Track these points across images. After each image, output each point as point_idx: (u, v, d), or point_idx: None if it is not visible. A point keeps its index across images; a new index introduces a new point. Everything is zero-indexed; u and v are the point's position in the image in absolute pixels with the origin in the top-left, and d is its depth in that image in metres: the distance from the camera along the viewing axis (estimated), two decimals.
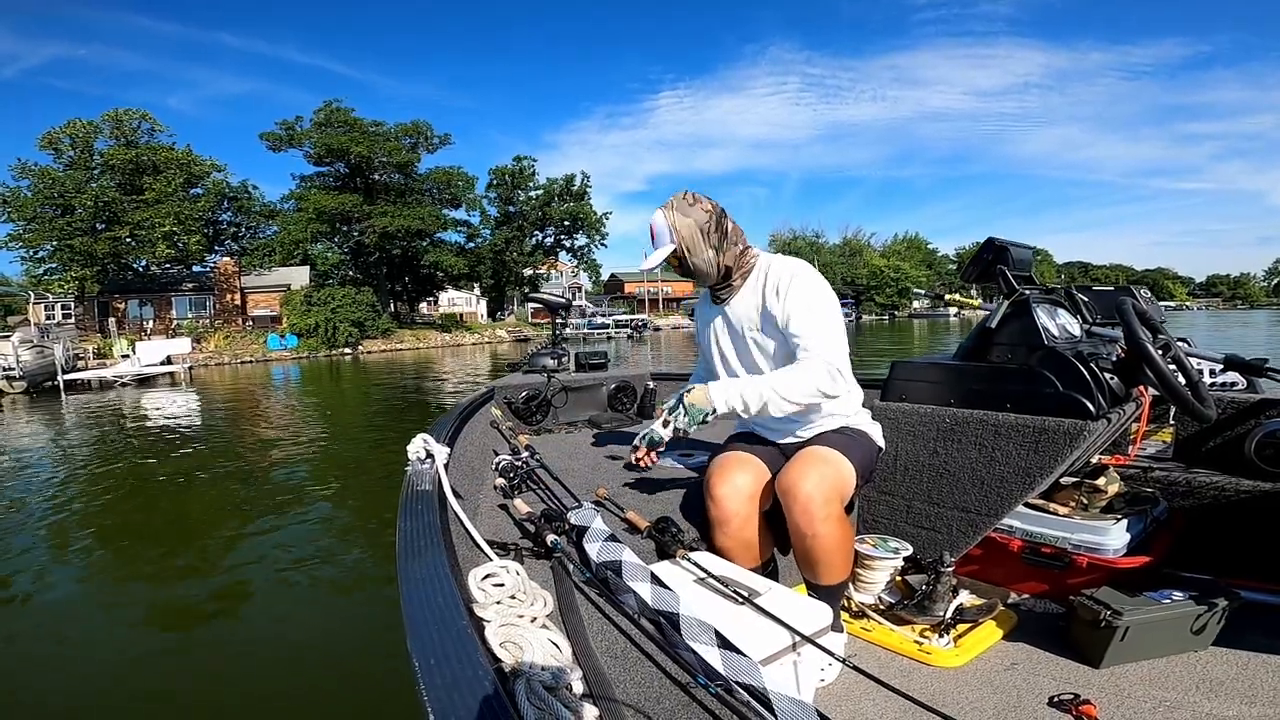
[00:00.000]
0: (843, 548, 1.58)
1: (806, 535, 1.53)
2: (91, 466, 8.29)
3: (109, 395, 17.38)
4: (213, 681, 3.10)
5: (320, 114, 36.43)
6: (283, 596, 4.12)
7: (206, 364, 27.34)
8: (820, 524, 1.51)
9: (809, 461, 1.59)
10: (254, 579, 4.40)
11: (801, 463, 1.60)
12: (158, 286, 33.33)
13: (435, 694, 0.75)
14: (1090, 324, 2.13)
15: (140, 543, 5.35)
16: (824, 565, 1.56)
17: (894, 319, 67.27)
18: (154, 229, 30.06)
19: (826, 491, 1.53)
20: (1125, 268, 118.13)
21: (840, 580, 1.61)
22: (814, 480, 1.53)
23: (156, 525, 5.82)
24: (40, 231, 29.70)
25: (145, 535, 5.53)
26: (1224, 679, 1.44)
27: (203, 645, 3.49)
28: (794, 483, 1.54)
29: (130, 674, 3.22)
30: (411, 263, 39.59)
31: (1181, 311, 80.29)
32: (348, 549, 4.91)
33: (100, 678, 3.18)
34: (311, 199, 35.41)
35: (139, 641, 3.57)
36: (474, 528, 1.43)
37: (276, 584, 4.30)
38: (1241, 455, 1.93)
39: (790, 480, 1.55)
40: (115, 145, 31.51)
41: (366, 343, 32.32)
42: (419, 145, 38.62)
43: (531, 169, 45.66)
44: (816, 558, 1.55)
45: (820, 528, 1.51)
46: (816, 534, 1.52)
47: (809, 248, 78.58)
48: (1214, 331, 31.56)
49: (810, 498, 1.51)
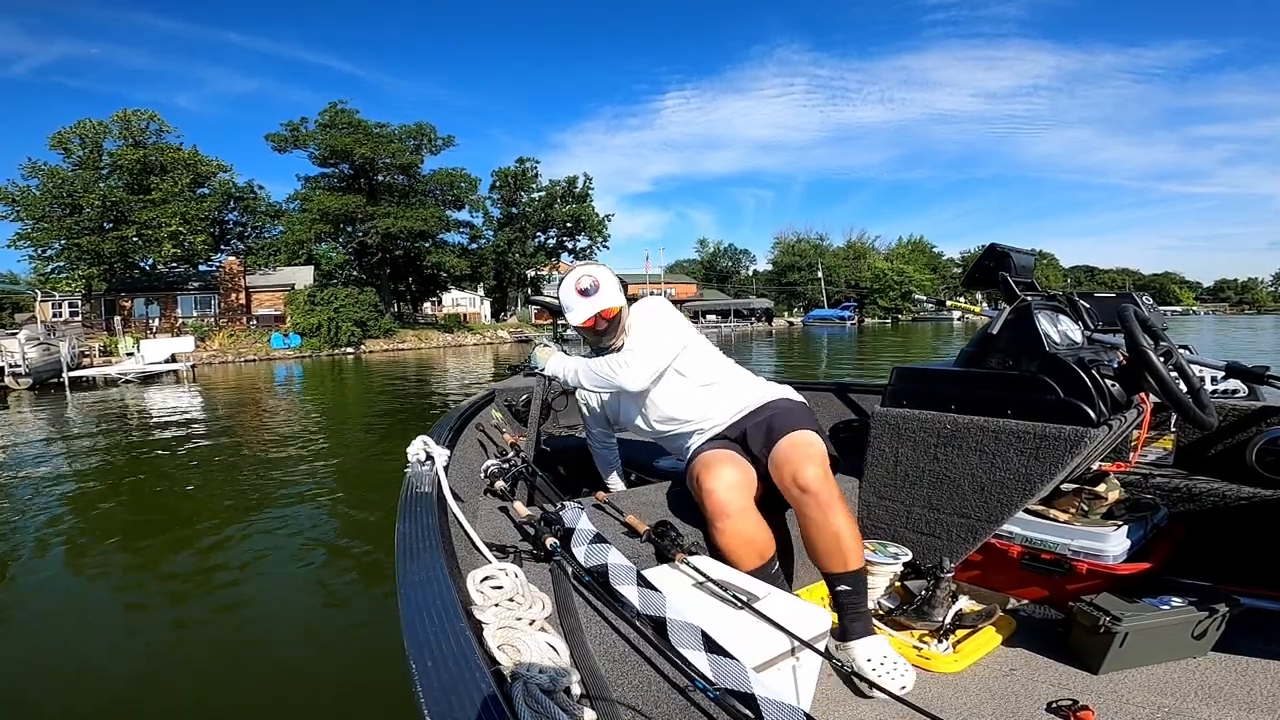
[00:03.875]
0: (850, 527, 1.64)
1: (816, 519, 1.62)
2: (93, 462, 8.33)
3: (113, 392, 17.42)
4: (209, 681, 3.10)
5: (325, 115, 36.72)
6: (280, 596, 4.14)
7: (210, 362, 27.46)
8: (836, 503, 1.61)
9: (804, 449, 1.70)
10: (252, 578, 4.40)
11: (800, 455, 1.68)
12: (164, 285, 33.61)
13: (432, 696, 0.76)
14: (1092, 330, 2.13)
15: (138, 539, 5.37)
16: (856, 539, 1.62)
17: (897, 322, 67.14)
18: (160, 228, 30.35)
19: (827, 473, 1.66)
20: (1132, 272, 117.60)
21: (863, 563, 1.65)
22: (816, 470, 1.64)
23: (155, 522, 5.84)
24: (48, 230, 29.99)
25: (144, 532, 5.55)
26: (1223, 685, 1.44)
27: (198, 644, 3.49)
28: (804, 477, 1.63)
29: (125, 672, 3.23)
30: (414, 263, 39.83)
31: (1188, 317, 79.79)
32: (347, 550, 4.92)
33: (95, 673, 3.19)
34: (316, 200, 35.75)
35: (135, 640, 3.58)
36: (473, 530, 1.43)
37: (274, 583, 4.32)
38: (1242, 463, 1.93)
39: (801, 478, 1.63)
40: (124, 145, 31.81)
41: (369, 342, 32.50)
42: (422, 147, 38.92)
43: (534, 170, 45.95)
44: (848, 533, 1.61)
45: (836, 506, 1.61)
46: (833, 512, 1.60)
47: (813, 250, 78.53)
48: (1221, 334, 31.41)
49: (820, 484, 1.62)
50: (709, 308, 63.94)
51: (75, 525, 5.66)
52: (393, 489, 1.81)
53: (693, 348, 1.95)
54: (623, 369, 1.83)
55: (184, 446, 9.28)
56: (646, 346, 1.85)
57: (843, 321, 58.86)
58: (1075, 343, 1.96)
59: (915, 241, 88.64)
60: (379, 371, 22.38)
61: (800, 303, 75.34)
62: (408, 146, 37.81)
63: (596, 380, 1.90)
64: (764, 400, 1.93)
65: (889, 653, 1.55)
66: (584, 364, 1.94)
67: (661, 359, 1.86)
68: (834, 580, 1.63)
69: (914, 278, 74.12)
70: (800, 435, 1.75)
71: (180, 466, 7.99)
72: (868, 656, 1.53)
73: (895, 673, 1.50)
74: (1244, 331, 34.69)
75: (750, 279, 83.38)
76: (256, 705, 2.91)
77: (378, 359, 28.53)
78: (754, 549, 1.65)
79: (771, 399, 1.93)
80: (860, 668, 1.52)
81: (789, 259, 77.52)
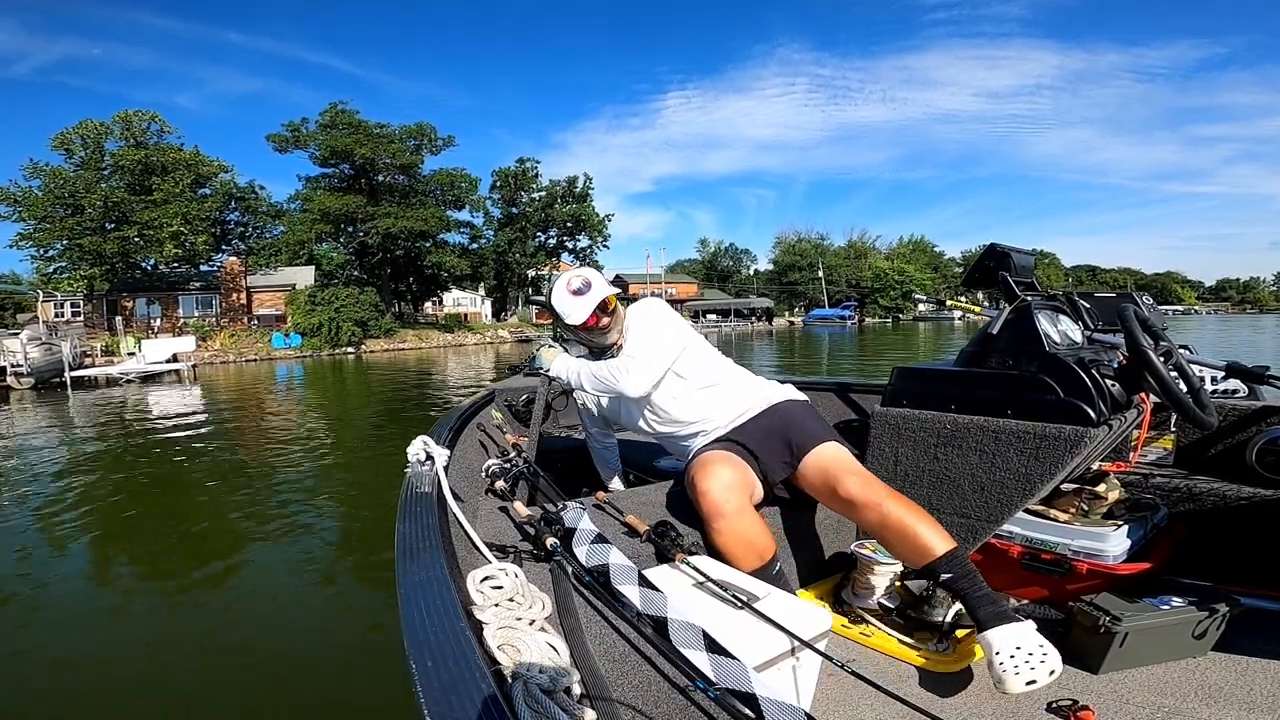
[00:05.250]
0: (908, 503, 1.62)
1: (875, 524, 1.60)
2: (95, 461, 8.35)
3: (115, 392, 17.50)
4: (209, 680, 3.10)
5: (326, 116, 36.89)
6: (280, 595, 4.14)
7: (211, 362, 27.56)
8: (887, 501, 1.59)
9: (836, 464, 1.73)
10: (252, 577, 4.41)
11: (834, 470, 1.71)
12: (165, 285, 33.76)
13: (432, 696, 0.76)
14: (1092, 330, 2.13)
15: (138, 538, 5.37)
16: (924, 522, 1.56)
17: (898, 322, 67.10)
18: (162, 229, 30.50)
19: (865, 477, 1.67)
20: (1134, 271, 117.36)
21: (948, 549, 1.51)
22: (855, 479, 1.65)
23: (155, 520, 5.84)
24: (51, 231, 30.14)
25: (143, 531, 5.56)
26: (1223, 685, 1.44)
27: (197, 643, 3.50)
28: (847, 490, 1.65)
29: (126, 671, 3.23)
30: (415, 263, 40.04)
31: (1190, 316, 79.56)
32: (346, 549, 4.92)
33: (96, 672, 3.19)
34: (317, 200, 35.92)
35: (136, 639, 3.59)
36: (473, 530, 1.44)
37: (274, 583, 4.32)
38: (1242, 462, 1.93)
39: (844, 491, 1.65)
40: (125, 146, 31.99)
41: (369, 342, 32.63)
42: (423, 147, 39.06)
43: (534, 170, 46.08)
44: (912, 522, 1.56)
45: (888, 505, 1.59)
46: (887, 511, 1.58)
47: (814, 250, 78.49)
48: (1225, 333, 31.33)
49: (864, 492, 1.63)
50: (710, 307, 63.90)
51: (78, 522, 5.66)
52: (392, 488, 1.81)
53: (692, 349, 1.95)
54: (623, 375, 1.83)
55: (185, 445, 9.30)
56: (645, 351, 1.86)
57: (843, 321, 58.83)
58: (1075, 343, 1.96)
59: (916, 241, 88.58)
60: (379, 371, 22.46)
61: (801, 302, 75.31)
62: (408, 147, 37.95)
63: (598, 384, 1.91)
64: (768, 403, 1.92)
65: (1025, 642, 1.33)
66: (587, 367, 1.95)
67: (661, 363, 1.87)
68: (930, 573, 1.53)
69: (915, 277, 74.09)
70: (824, 450, 1.77)
71: (182, 465, 8.01)
72: (997, 649, 1.34)
73: (1030, 665, 1.29)
74: (1246, 331, 34.60)
75: (751, 279, 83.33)
76: (256, 705, 2.91)
77: (378, 359, 28.63)
78: (753, 550, 1.64)
79: (776, 401, 1.93)
80: (992, 661, 1.34)
81: (790, 258, 77.51)
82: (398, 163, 37.38)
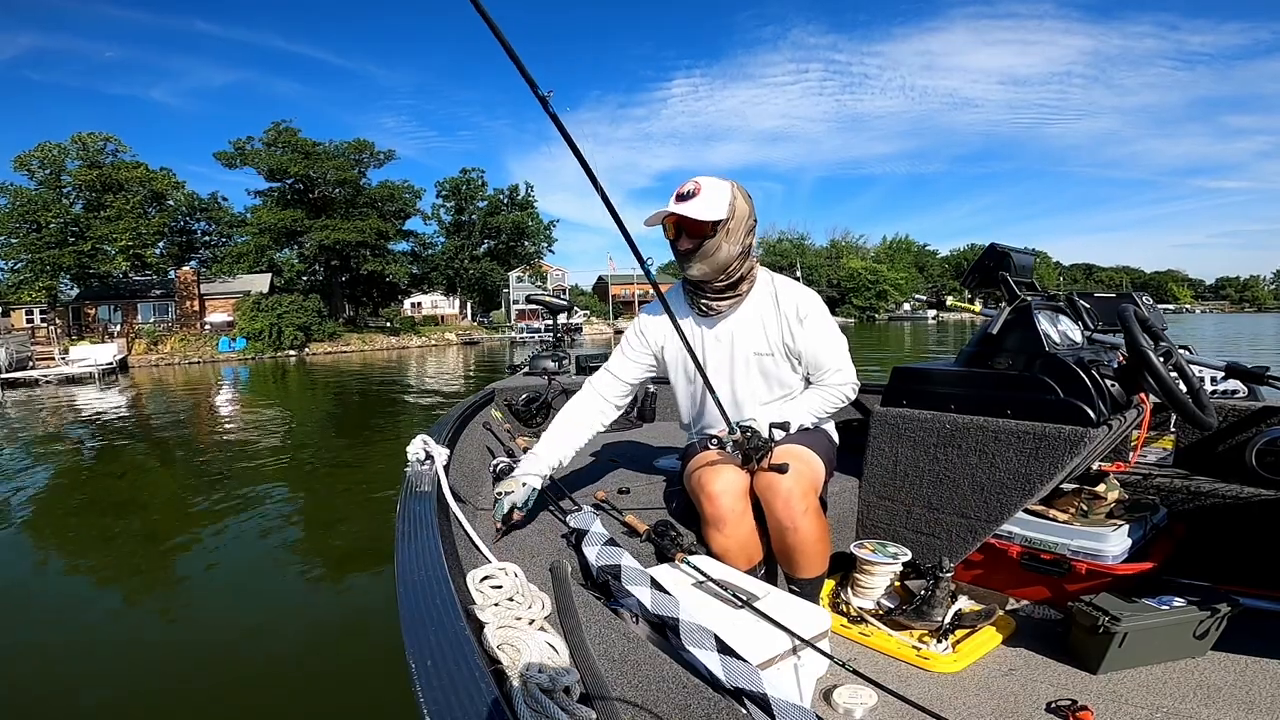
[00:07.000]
0: (822, 540, 1.65)
1: (788, 529, 1.61)
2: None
3: (36, 391, 19.48)
4: (209, 681, 3.10)
5: (269, 134, 38.72)
6: (279, 595, 4.14)
7: (158, 364, 29.27)
8: (800, 517, 1.60)
9: (785, 460, 1.64)
10: (251, 578, 4.41)
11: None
12: (128, 293, 35.88)
13: (431, 695, 0.75)
14: (1092, 331, 2.13)
15: (122, 532, 5.37)
16: (805, 557, 1.64)
17: (872, 321, 67.16)
18: (114, 243, 32.45)
19: (804, 486, 1.63)
20: (1133, 270, 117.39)
21: (819, 573, 1.69)
22: (792, 477, 1.59)
23: (139, 517, 5.84)
24: (14, 247, 32.06)
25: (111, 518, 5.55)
26: (1222, 685, 1.44)
27: (196, 644, 3.49)
28: (773, 479, 1.60)
29: (124, 675, 3.23)
30: (355, 271, 41.91)
31: (1181, 315, 79.15)
32: (345, 549, 4.92)
33: (94, 676, 3.19)
34: (258, 214, 38.37)
35: (135, 642, 3.59)
36: (473, 529, 1.44)
37: (273, 583, 4.32)
38: (1242, 463, 1.93)
39: (769, 477, 1.61)
40: (81, 166, 33.76)
41: (314, 345, 34.25)
42: (363, 162, 41.22)
43: (480, 180, 48.92)
44: (799, 550, 1.63)
45: (800, 521, 1.60)
46: (798, 527, 1.60)
47: (794, 249, 78.67)
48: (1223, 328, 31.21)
49: (790, 492, 1.59)
50: None
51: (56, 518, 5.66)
52: (392, 488, 1.81)
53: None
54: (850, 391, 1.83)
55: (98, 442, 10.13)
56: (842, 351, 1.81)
57: None
58: (1075, 343, 1.96)
59: (899, 241, 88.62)
60: (321, 372, 23.73)
61: None
62: (349, 162, 39.87)
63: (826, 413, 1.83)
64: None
65: None
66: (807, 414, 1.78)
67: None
68: (790, 581, 1.68)
69: (888, 277, 74.24)
70: (791, 449, 1.69)
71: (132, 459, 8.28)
72: None
73: None
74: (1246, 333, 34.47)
75: None
76: (256, 705, 2.91)
77: (322, 361, 29.99)
78: (744, 554, 1.66)
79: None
80: None
81: (770, 258, 77.73)
82: (335, 178, 39.02)
